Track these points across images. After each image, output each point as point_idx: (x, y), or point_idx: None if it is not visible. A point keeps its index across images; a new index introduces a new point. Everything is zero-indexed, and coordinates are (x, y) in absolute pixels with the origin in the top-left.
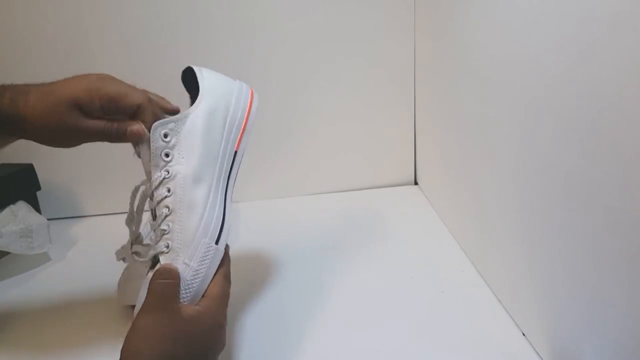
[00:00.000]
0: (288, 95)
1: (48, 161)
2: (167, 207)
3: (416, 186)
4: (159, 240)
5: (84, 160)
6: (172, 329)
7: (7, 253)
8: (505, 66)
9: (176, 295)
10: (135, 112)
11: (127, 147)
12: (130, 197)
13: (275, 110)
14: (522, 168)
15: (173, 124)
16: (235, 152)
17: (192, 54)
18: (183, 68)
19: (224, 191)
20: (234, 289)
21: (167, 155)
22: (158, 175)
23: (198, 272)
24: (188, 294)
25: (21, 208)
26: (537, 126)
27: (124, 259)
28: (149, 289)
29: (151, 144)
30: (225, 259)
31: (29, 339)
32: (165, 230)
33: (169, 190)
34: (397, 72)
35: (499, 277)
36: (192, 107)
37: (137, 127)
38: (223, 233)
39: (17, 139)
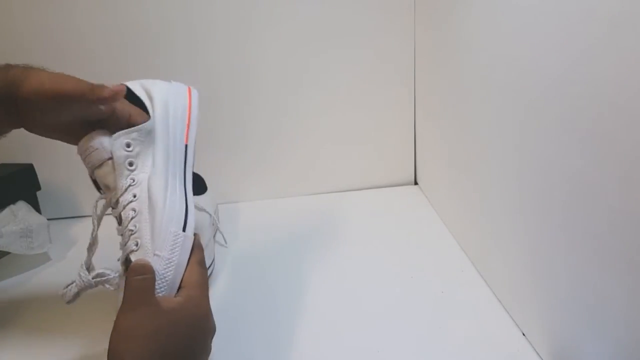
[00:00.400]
0: (287, 95)
1: (48, 161)
2: (134, 209)
3: (416, 186)
4: (127, 241)
5: None
6: (157, 324)
7: (7, 253)
8: (505, 66)
9: (154, 289)
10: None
11: None
12: (92, 218)
13: (274, 110)
14: (523, 168)
15: (136, 133)
16: (186, 145)
17: (190, 51)
18: (181, 64)
19: (182, 182)
20: (234, 289)
21: (131, 164)
22: (124, 182)
23: (170, 261)
24: (164, 285)
25: (21, 208)
26: (538, 126)
27: (77, 294)
28: (125, 287)
29: (113, 154)
30: (196, 247)
31: (29, 338)
32: (133, 230)
33: (134, 196)
34: (397, 71)
35: (499, 277)
36: (151, 117)
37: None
38: (189, 220)
39: (11, 126)
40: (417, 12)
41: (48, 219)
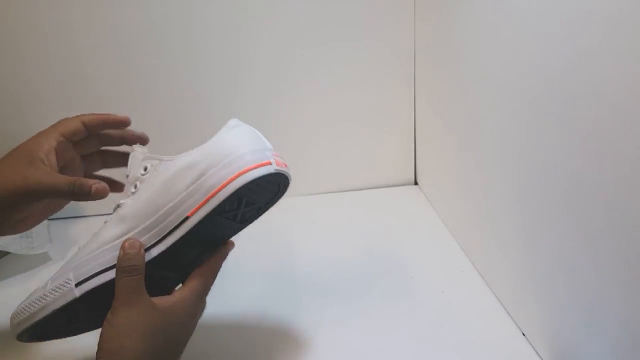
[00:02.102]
0: (286, 95)
1: None
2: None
3: (416, 186)
4: None
5: None
6: (151, 322)
7: (7, 253)
8: (505, 66)
9: (144, 287)
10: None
11: (126, 148)
12: None
13: (273, 109)
14: (523, 168)
15: (157, 161)
16: (187, 217)
17: (187, 50)
18: (177, 67)
19: (145, 248)
20: (233, 288)
21: (135, 187)
22: (120, 201)
23: (44, 297)
24: (24, 313)
25: None
26: (538, 126)
27: None
28: (116, 285)
29: (130, 170)
30: (218, 258)
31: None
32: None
33: (106, 221)
34: (397, 71)
35: (499, 277)
36: (182, 154)
37: (102, 185)
38: (92, 281)
39: None
40: (417, 13)
41: (48, 219)
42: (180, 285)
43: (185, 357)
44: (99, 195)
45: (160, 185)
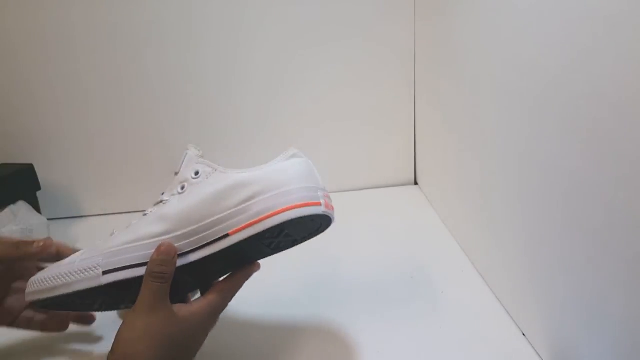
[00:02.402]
0: (287, 96)
1: (48, 161)
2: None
3: (416, 186)
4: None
5: (84, 160)
6: (168, 331)
7: None
8: (505, 66)
9: (168, 295)
10: None
11: (126, 148)
12: None
13: (273, 110)
14: (522, 168)
15: (210, 169)
16: (227, 234)
17: (186, 50)
18: (176, 67)
19: (180, 253)
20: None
21: (182, 187)
22: (163, 197)
23: (69, 274)
24: (45, 283)
25: (21, 208)
26: (538, 126)
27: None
28: (143, 289)
29: (181, 170)
30: (242, 277)
31: (29, 339)
32: (113, 233)
33: (146, 213)
34: (397, 71)
35: (499, 277)
36: (237, 170)
37: (48, 240)
38: (119, 274)
39: None
40: (417, 13)
41: (48, 219)
42: (198, 295)
43: None
44: (44, 250)
45: (209, 196)
